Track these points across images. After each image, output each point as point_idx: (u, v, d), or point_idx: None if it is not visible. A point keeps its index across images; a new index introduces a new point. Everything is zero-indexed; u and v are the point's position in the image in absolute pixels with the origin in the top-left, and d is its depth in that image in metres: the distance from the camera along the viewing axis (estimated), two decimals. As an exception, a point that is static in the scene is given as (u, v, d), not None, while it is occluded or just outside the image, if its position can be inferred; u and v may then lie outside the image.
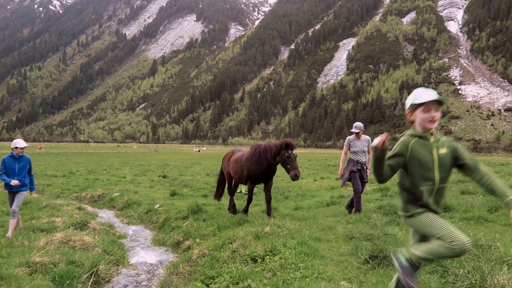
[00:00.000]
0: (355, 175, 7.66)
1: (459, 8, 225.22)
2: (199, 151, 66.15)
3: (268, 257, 4.58)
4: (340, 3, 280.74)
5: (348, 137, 7.95)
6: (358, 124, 7.86)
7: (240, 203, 10.36)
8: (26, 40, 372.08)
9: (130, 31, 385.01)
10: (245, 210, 8.07)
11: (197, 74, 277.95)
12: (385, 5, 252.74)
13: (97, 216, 9.90)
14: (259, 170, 7.44)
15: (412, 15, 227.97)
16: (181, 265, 5.66)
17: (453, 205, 7.66)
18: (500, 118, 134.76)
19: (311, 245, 4.93)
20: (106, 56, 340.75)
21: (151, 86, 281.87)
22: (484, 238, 4.88)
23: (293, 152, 7.06)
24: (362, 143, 7.84)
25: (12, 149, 6.77)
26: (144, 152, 71.46)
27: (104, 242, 6.79)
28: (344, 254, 4.74)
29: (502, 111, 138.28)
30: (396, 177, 2.92)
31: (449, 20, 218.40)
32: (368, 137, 8.00)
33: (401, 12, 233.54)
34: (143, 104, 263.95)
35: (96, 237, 6.89)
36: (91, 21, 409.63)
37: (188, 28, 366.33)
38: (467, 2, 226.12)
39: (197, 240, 6.70)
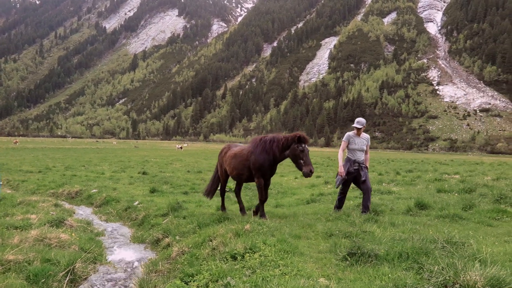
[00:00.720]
0: (349, 179, 7.20)
1: (438, 10, 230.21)
2: (181, 147, 65.57)
3: (248, 254, 4.59)
4: (322, 2, 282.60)
5: (348, 133, 7.40)
6: (361, 120, 7.31)
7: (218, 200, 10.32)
8: (1, 31, 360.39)
9: (110, 24, 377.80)
10: (260, 212, 7.16)
11: (179, 69, 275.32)
12: (367, 5, 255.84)
13: (74, 213, 9.72)
14: (267, 163, 6.89)
15: (393, 15, 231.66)
16: (160, 262, 5.62)
17: (430, 203, 7.85)
18: (475, 119, 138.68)
19: (291, 243, 4.96)
20: (85, 50, 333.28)
21: (132, 81, 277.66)
22: (458, 236, 5.02)
23: (306, 146, 6.61)
24: (362, 141, 7.32)
25: None
26: (123, 148, 70.44)
27: (81, 239, 6.66)
28: (323, 251, 4.80)
29: (478, 111, 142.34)
30: (375, 176, 2.94)
31: (428, 21, 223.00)
32: (367, 136, 7.52)
33: (382, 12, 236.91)
34: (123, 99, 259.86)
35: (73, 234, 6.76)
36: (69, 13, 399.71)
37: (170, 23, 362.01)
38: (446, 4, 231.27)
39: (177, 237, 6.66)
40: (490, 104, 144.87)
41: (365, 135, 7.43)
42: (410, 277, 3.66)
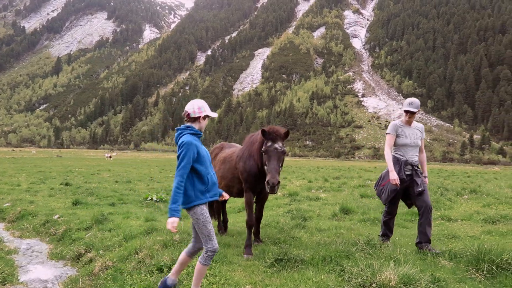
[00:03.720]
0: (399, 190, 4.98)
1: (363, 27, 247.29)
2: (110, 156, 62.27)
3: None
4: (256, 13, 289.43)
5: (394, 122, 5.16)
6: (415, 101, 5.02)
7: (150, 210, 9.96)
8: None
9: (30, 24, 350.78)
10: (246, 241, 5.13)
11: (108, 75, 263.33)
12: (298, 19, 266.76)
13: (-18, 230, 8.76)
14: (255, 170, 4.95)
15: (322, 30, 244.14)
16: (81, 279, 5.26)
17: (353, 208, 8.29)
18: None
19: (220, 251, 4.93)
20: (0, 50, 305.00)
21: (55, 86, 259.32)
22: (377, 238, 5.36)
23: (276, 145, 4.44)
24: (415, 133, 5.09)
25: None
26: (44, 157, 65.54)
27: (-12, 259, 6.02)
28: (251, 259, 4.83)
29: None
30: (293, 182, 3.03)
31: (354, 37, 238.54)
32: (421, 125, 5.26)
33: (312, 26, 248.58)
34: (45, 105, 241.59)
35: (-22, 254, 6.08)
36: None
37: (98, 26, 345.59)
38: (369, 22, 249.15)
39: (101, 251, 6.28)
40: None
41: (418, 125, 5.21)
42: (332, 279, 3.83)
